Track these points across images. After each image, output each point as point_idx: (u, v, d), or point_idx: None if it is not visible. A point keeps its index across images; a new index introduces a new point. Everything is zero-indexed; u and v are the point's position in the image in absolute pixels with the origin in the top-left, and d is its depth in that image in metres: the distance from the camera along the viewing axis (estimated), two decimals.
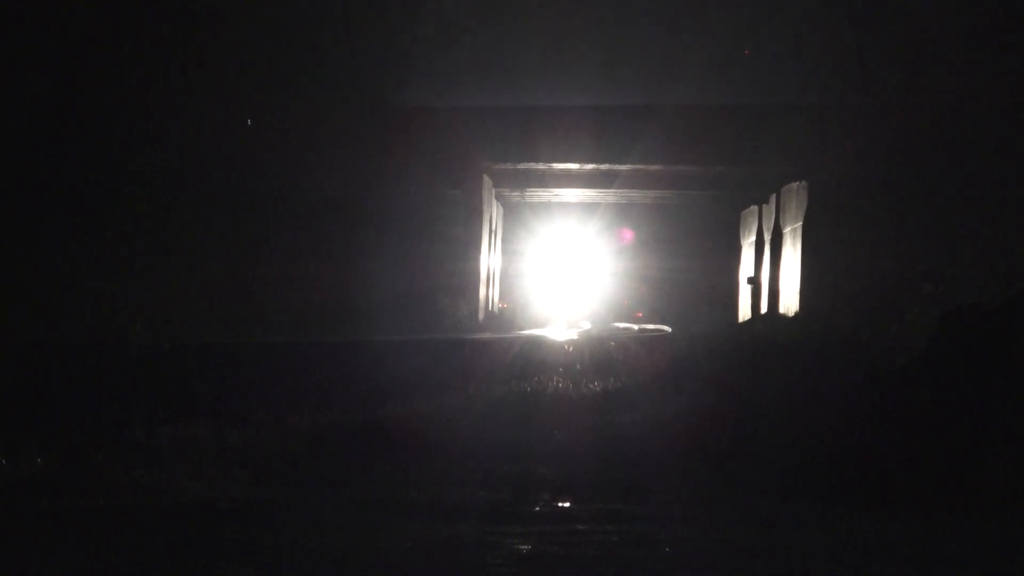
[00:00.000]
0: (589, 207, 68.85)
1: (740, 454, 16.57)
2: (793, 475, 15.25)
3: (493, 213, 56.76)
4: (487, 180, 52.41)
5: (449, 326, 45.63)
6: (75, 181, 41.38)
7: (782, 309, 49.87)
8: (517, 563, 11.14)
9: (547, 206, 67.78)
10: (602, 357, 32.65)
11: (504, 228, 63.60)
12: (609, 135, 47.04)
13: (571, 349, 35.29)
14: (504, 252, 63.17)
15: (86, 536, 12.08)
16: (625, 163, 49.31)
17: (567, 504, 14.30)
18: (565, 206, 68.47)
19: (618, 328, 57.61)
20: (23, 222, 40.95)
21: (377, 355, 28.69)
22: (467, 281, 49.90)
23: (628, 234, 69.33)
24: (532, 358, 31.70)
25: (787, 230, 50.37)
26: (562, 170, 52.53)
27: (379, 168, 46.40)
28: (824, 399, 18.68)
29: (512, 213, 66.16)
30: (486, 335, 43.45)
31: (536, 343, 36.55)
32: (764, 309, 54.00)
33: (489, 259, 55.20)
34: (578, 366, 30.26)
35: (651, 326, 60.96)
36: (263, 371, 24.39)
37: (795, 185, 48.59)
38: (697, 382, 24.40)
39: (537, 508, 14.00)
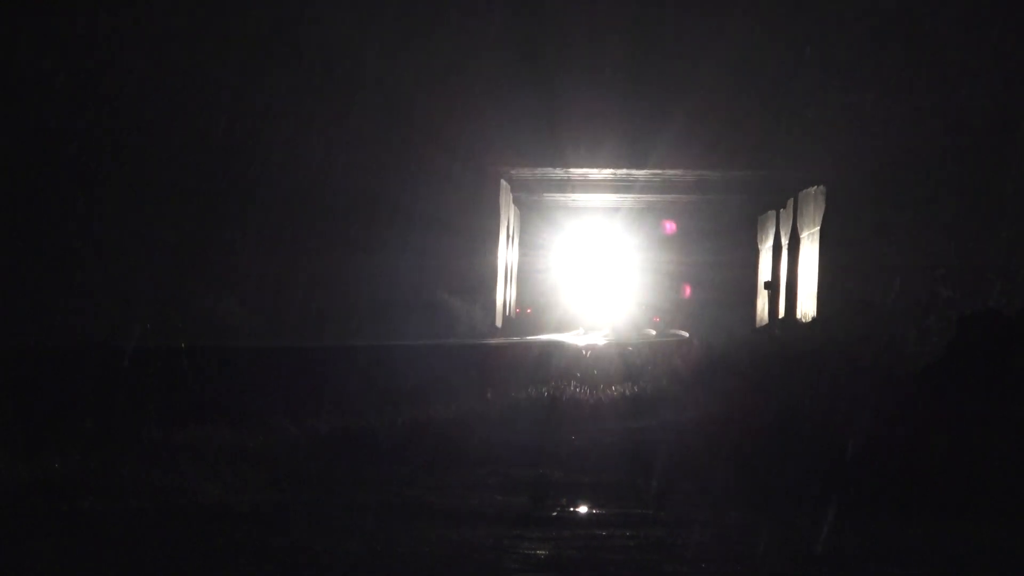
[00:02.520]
0: (608, 212, 68.90)
1: (760, 459, 16.52)
2: (813, 480, 15.21)
3: (511, 218, 56.78)
4: (504, 184, 52.43)
5: (466, 331, 45.63)
6: (80, 178, 41.50)
7: (800, 314, 49.83)
8: (535, 568, 11.12)
9: (565, 211, 67.85)
10: (620, 362, 32.63)
11: (522, 233, 63.65)
12: (627, 140, 47.03)
13: (589, 354, 35.29)
14: (522, 257, 63.22)
15: (101, 538, 12.08)
16: (644, 168, 49.32)
17: (585, 509, 14.27)
18: (583, 211, 68.53)
19: (636, 334, 57.59)
20: (25, 224, 41.08)
21: (395, 359, 28.74)
22: (484, 286, 49.88)
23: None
24: (550, 363, 31.70)
25: (805, 235, 50.33)
26: (580, 175, 52.56)
27: (395, 173, 46.40)
28: (843, 404, 18.64)
29: (530, 218, 66.21)
30: (504, 340, 43.46)
31: (554, 348, 36.56)
32: (782, 313, 53.98)
33: (507, 264, 55.22)
34: (596, 371, 30.23)
35: (671, 331, 60.91)
36: (281, 374, 24.42)
37: (813, 190, 48.56)
38: (715, 388, 24.35)
39: (555, 513, 13.97)
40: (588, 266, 72.89)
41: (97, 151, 42.55)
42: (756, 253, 63.75)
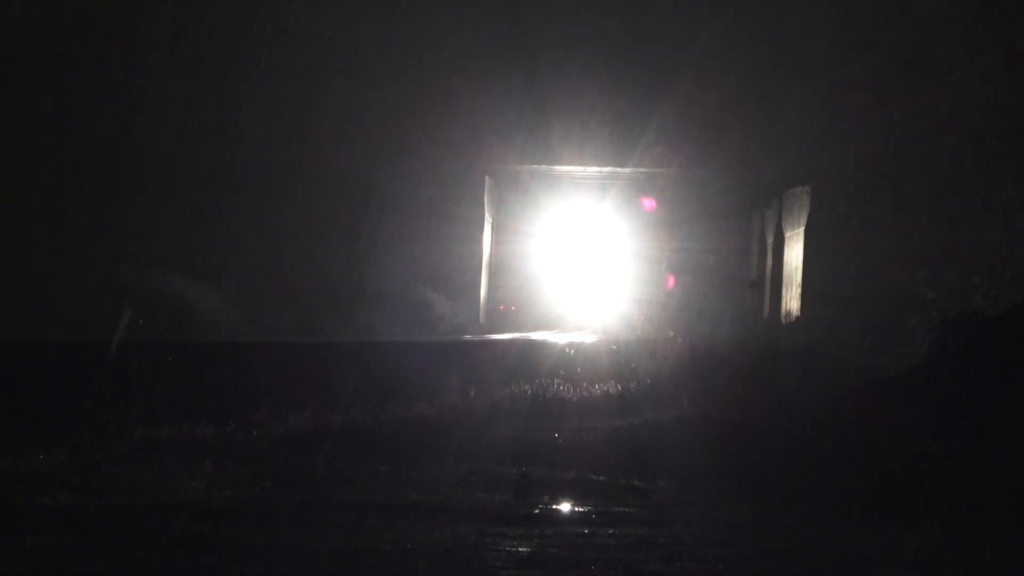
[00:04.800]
0: (592, 212, 68.87)
1: (743, 459, 16.56)
2: (794, 480, 15.25)
3: (496, 213, 56.74)
4: (490, 181, 52.40)
5: (450, 327, 45.59)
6: (58, 171, 41.43)
7: (784, 313, 49.87)
8: (517, 565, 11.14)
9: (552, 208, 67.78)
10: (605, 361, 32.63)
11: (507, 229, 63.54)
12: (612, 139, 47.06)
13: (573, 352, 35.28)
14: (507, 254, 63.11)
15: (85, 533, 12.08)
16: (627, 167, 49.34)
17: (567, 506, 14.30)
18: (568, 208, 68.47)
19: (622, 332, 57.53)
20: (20, 218, 40.99)
21: (379, 356, 28.69)
22: (469, 282, 49.86)
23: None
24: (534, 361, 31.69)
25: (790, 235, 50.38)
26: (566, 172, 52.57)
27: (383, 164, 46.31)
28: (827, 404, 18.68)
29: (516, 214, 66.08)
30: (488, 337, 43.44)
31: (538, 346, 36.55)
32: (767, 313, 54.01)
33: (491, 260, 55.17)
34: (580, 369, 30.23)
35: (657, 329, 60.81)
36: (265, 371, 24.39)
37: (798, 190, 48.59)
38: (699, 387, 24.37)
39: (537, 510, 13.99)
40: (573, 263, 72.85)
41: (75, 142, 42.42)
42: (742, 252, 63.71)
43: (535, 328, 56.70)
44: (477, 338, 42.19)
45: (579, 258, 72.77)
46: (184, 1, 43.62)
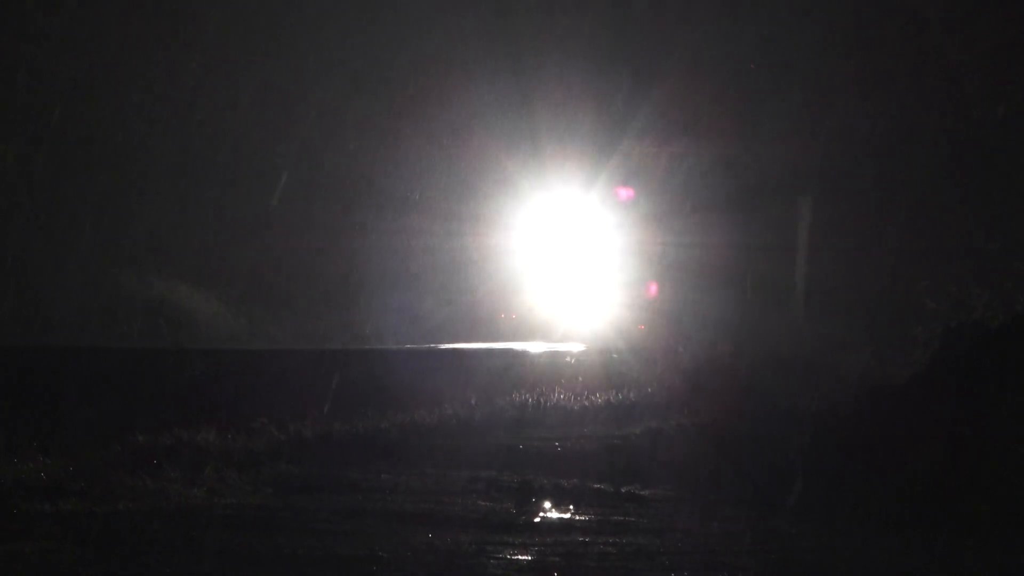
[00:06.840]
0: (585, 213, 68.81)
1: (744, 467, 16.56)
2: (795, 489, 15.24)
3: (493, 217, 56.68)
4: (482, 186, 52.37)
5: (448, 335, 45.59)
6: (57, 174, 41.46)
7: (785, 321, 49.82)
8: (518, 573, 11.13)
9: (541, 208, 67.75)
10: (604, 370, 32.65)
11: (503, 230, 63.46)
12: (603, 141, 47.14)
13: (573, 361, 35.28)
14: (499, 258, 63.01)
15: (88, 540, 12.07)
16: (619, 164, 49.47)
17: (568, 515, 14.28)
18: (559, 208, 68.44)
19: (620, 340, 57.51)
20: (20, 223, 41.01)
21: (379, 363, 28.72)
22: (466, 289, 49.85)
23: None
24: (534, 369, 31.72)
25: (791, 242, 50.33)
26: (557, 177, 52.60)
27: (376, 160, 46.30)
28: (829, 413, 18.68)
29: (508, 217, 65.98)
30: (489, 345, 43.46)
31: (538, 355, 36.57)
32: (766, 320, 53.93)
33: (487, 262, 55.10)
34: (580, 378, 30.25)
35: (654, 337, 60.73)
36: (265, 378, 24.43)
37: (800, 199, 48.56)
38: (700, 395, 24.38)
39: (538, 518, 13.99)
40: (566, 267, 72.70)
41: (75, 145, 42.43)
42: (738, 257, 63.63)
43: (535, 336, 56.68)
44: (477, 346, 42.23)
45: (572, 261, 72.65)
46: (184, 4, 43.65)
